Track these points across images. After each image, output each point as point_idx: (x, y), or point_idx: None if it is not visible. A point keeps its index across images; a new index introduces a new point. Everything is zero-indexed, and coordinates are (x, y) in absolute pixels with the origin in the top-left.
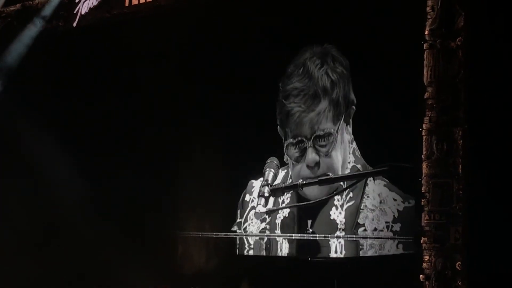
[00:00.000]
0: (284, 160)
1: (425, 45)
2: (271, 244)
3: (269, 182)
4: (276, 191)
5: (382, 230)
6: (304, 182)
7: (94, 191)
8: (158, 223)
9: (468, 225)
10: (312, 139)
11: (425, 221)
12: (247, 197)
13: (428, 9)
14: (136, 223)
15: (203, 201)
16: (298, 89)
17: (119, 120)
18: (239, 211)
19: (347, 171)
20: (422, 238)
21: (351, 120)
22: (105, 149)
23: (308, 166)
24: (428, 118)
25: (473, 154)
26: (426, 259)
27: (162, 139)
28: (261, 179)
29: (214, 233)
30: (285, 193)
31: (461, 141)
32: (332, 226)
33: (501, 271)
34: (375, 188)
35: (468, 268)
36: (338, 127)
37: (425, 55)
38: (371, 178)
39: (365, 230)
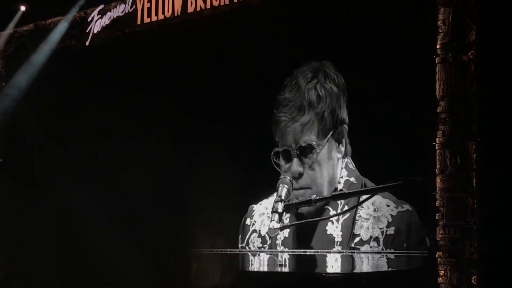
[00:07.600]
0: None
1: (437, 59)
2: (284, 260)
3: (283, 198)
4: (290, 207)
5: (377, 237)
6: (318, 198)
7: (109, 209)
8: (173, 240)
9: (483, 239)
10: (297, 150)
11: (440, 236)
12: (248, 221)
13: (439, 23)
14: (151, 240)
15: (216, 219)
16: (287, 100)
17: (133, 138)
18: (240, 236)
19: (340, 186)
20: (437, 253)
21: (344, 140)
22: (120, 169)
23: (293, 176)
24: (441, 132)
25: (487, 167)
26: (441, 274)
27: (179, 158)
28: (261, 203)
29: (228, 250)
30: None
31: (474, 155)
32: (329, 241)
33: None
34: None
35: (484, 283)
36: (325, 143)
37: (437, 69)
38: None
39: (361, 239)
